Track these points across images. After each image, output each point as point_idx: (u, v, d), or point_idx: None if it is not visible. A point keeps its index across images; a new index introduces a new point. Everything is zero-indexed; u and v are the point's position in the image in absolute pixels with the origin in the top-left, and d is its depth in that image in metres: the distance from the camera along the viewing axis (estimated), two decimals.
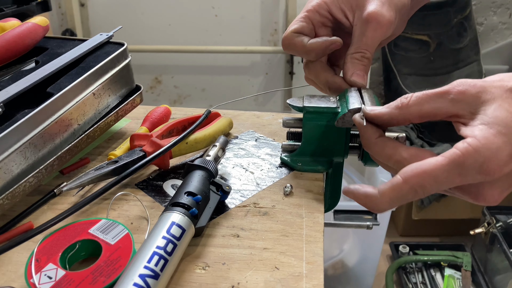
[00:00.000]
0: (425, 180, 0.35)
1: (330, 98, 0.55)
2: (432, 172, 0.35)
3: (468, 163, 0.34)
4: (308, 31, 0.54)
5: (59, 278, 0.38)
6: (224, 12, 1.82)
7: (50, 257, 0.40)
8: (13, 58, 0.60)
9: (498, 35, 2.05)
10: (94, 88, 0.56)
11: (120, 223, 0.45)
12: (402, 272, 1.60)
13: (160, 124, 0.65)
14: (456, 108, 0.37)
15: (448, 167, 0.34)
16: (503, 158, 0.34)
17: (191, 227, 0.43)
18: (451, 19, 1.82)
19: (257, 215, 0.49)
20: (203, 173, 0.49)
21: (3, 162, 0.45)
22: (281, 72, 1.90)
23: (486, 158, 0.34)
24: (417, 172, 0.35)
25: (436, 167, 0.35)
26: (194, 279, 0.41)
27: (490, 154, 0.34)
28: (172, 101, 1.99)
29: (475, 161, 0.34)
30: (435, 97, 0.38)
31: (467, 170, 0.34)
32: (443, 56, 1.84)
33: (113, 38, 0.63)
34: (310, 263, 0.43)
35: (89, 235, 0.43)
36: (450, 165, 0.34)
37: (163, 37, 1.85)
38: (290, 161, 0.57)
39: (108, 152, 0.58)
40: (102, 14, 1.85)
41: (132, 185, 0.55)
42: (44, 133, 0.50)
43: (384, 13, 0.50)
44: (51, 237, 0.43)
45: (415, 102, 0.38)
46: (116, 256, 0.41)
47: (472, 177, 0.35)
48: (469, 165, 0.34)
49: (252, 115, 0.72)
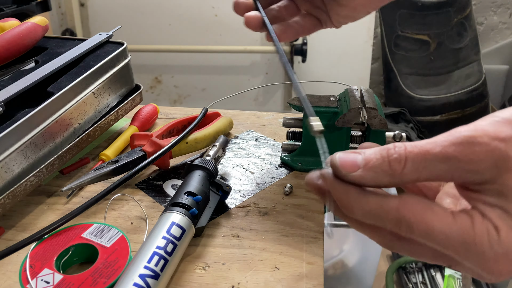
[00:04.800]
0: (419, 224, 0.27)
1: (330, 98, 0.55)
2: (432, 224, 0.27)
3: (477, 245, 0.27)
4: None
5: (58, 282, 0.38)
6: (224, 12, 1.82)
7: (45, 262, 0.40)
8: (13, 58, 0.60)
9: (498, 35, 2.05)
10: (94, 87, 0.56)
11: (113, 226, 0.44)
12: (402, 272, 1.60)
13: (149, 123, 0.67)
14: (466, 177, 0.28)
15: (456, 234, 0.27)
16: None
17: (191, 227, 0.43)
18: (451, 19, 1.82)
19: (257, 215, 0.49)
20: (203, 173, 0.49)
21: (4, 162, 0.45)
22: (281, 72, 1.90)
23: (500, 255, 0.27)
24: (415, 211, 0.28)
25: (441, 224, 0.27)
26: (194, 279, 0.41)
27: (504, 257, 0.27)
28: (172, 101, 1.99)
29: (488, 252, 0.27)
30: (438, 161, 0.27)
31: (471, 255, 0.27)
32: (443, 56, 1.84)
33: (113, 37, 0.63)
34: (310, 263, 0.43)
35: (83, 239, 0.43)
36: (457, 233, 0.27)
37: (163, 37, 1.85)
38: (290, 161, 0.57)
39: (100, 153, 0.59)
40: (102, 14, 1.84)
41: (132, 185, 0.54)
42: (44, 132, 0.50)
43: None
44: (43, 243, 0.42)
45: (411, 170, 0.28)
46: (113, 258, 0.41)
47: (473, 265, 0.28)
48: (477, 253, 0.27)
49: (252, 115, 0.72)
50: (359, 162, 0.29)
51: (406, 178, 0.28)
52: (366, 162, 0.28)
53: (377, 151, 0.29)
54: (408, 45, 1.84)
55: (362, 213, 0.29)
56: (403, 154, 0.28)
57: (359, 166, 0.28)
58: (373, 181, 0.29)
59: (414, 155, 0.27)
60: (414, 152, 0.27)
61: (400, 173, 0.28)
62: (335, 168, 0.29)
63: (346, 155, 0.29)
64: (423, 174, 0.28)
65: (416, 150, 0.27)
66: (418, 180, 0.28)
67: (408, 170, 0.28)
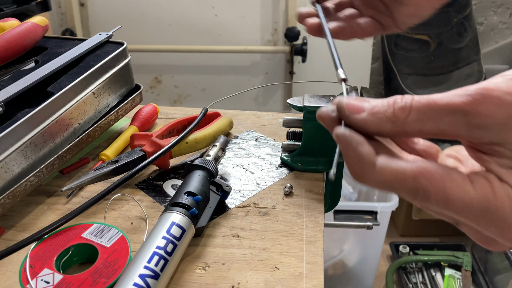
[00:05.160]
0: (437, 193, 0.26)
1: (330, 97, 0.55)
2: (451, 193, 0.26)
3: (499, 211, 0.25)
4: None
5: (58, 282, 0.38)
6: (224, 12, 1.82)
7: (44, 262, 0.40)
8: (12, 58, 0.60)
9: (498, 35, 2.05)
10: (94, 87, 0.56)
11: (113, 226, 0.44)
12: (402, 272, 1.60)
13: (149, 123, 0.67)
14: (473, 134, 0.26)
15: (477, 202, 0.26)
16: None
17: (191, 227, 0.43)
18: (452, 18, 1.82)
19: (257, 215, 0.49)
20: (203, 173, 0.49)
21: (4, 162, 0.45)
22: (281, 72, 1.90)
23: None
24: (433, 180, 0.26)
25: (460, 193, 0.26)
26: (194, 279, 0.41)
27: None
28: (172, 101, 1.99)
29: (510, 218, 0.25)
30: (444, 113, 0.26)
31: (492, 223, 0.26)
32: (444, 55, 1.84)
33: (113, 37, 0.63)
34: (310, 263, 0.43)
35: (83, 239, 0.43)
36: (478, 201, 0.26)
37: (163, 37, 1.85)
38: (290, 161, 0.57)
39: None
40: (102, 14, 1.84)
41: (132, 185, 0.54)
42: (44, 132, 0.50)
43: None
44: (43, 243, 0.42)
45: (415, 119, 0.27)
46: (113, 258, 0.41)
47: (492, 232, 0.27)
48: (498, 219, 0.26)
49: (252, 115, 0.72)
50: (365, 107, 0.28)
51: (408, 127, 0.27)
52: (373, 106, 0.28)
53: (384, 100, 0.28)
54: (408, 45, 1.83)
55: (376, 183, 0.28)
56: (408, 102, 0.27)
57: (364, 110, 0.28)
58: (375, 126, 0.28)
59: (420, 104, 0.26)
60: (420, 102, 0.26)
61: (403, 121, 0.27)
62: (340, 108, 0.29)
63: (354, 99, 0.29)
64: (427, 125, 0.27)
65: (422, 101, 0.26)
66: (422, 132, 0.27)
67: (411, 119, 0.27)
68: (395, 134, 0.28)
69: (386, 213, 1.36)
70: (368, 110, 0.28)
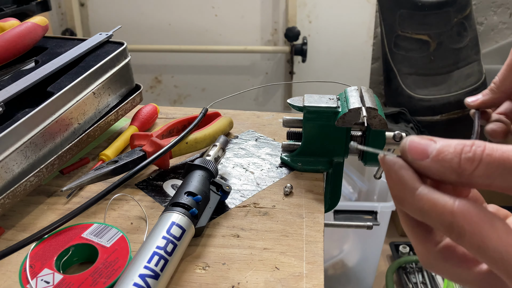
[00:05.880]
0: (473, 236, 0.25)
1: (330, 98, 0.55)
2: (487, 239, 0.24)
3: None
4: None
5: (57, 282, 0.38)
6: (224, 12, 1.82)
7: (44, 262, 0.40)
8: (12, 57, 0.60)
9: (498, 35, 2.05)
10: (94, 87, 0.56)
11: (113, 226, 0.44)
12: (402, 272, 1.60)
13: (149, 123, 0.67)
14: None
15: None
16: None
17: (191, 227, 0.43)
18: (452, 18, 1.82)
19: (257, 215, 0.49)
20: (203, 173, 0.49)
21: (4, 161, 0.45)
22: (281, 72, 1.90)
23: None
24: (472, 222, 0.25)
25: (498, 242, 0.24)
26: (194, 279, 0.41)
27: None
28: (172, 101, 1.99)
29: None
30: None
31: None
32: (444, 55, 1.84)
33: (113, 37, 0.63)
34: (310, 263, 0.43)
35: (83, 239, 0.43)
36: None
37: (163, 37, 1.85)
38: (290, 161, 0.57)
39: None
40: (102, 14, 1.84)
41: (132, 185, 0.54)
42: (44, 132, 0.50)
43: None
44: (43, 243, 0.42)
45: (483, 174, 0.25)
46: (113, 258, 0.41)
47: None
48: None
49: (252, 114, 0.72)
50: (430, 151, 0.26)
51: (475, 180, 0.25)
52: (438, 153, 0.26)
53: (452, 144, 0.26)
54: (408, 45, 1.83)
55: (413, 209, 0.27)
56: (478, 154, 0.25)
57: (429, 156, 0.26)
58: (438, 175, 0.26)
59: (491, 159, 0.25)
60: (492, 156, 0.25)
61: (469, 174, 0.25)
62: (403, 150, 0.27)
63: (419, 140, 0.27)
64: (496, 181, 0.25)
65: (495, 155, 0.25)
66: (489, 187, 0.26)
67: (479, 173, 0.25)
68: (460, 184, 0.26)
69: (386, 213, 1.36)
70: (433, 156, 0.26)
